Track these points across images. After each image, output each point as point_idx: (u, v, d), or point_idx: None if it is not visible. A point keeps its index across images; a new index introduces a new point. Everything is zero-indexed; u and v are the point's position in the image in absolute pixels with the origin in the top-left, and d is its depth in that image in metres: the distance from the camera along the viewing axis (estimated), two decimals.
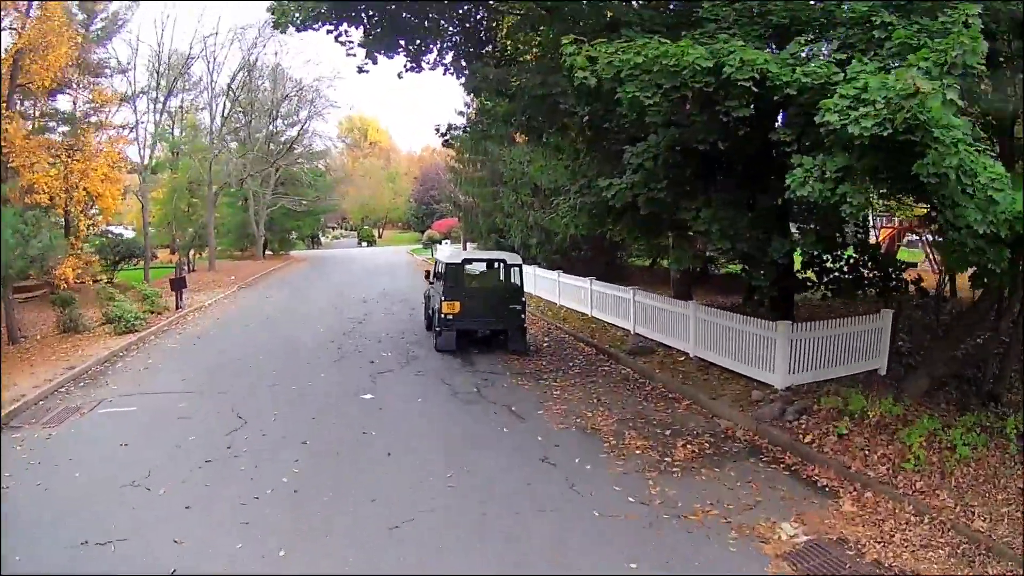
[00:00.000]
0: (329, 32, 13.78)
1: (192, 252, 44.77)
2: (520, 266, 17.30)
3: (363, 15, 13.68)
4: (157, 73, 35.60)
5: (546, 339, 18.60)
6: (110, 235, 36.54)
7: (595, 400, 12.49)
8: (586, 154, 15.05)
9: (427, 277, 19.66)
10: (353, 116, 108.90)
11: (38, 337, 18.16)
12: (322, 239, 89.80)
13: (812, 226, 11.78)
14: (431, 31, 14.70)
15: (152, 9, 54.89)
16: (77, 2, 28.41)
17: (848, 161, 7.46)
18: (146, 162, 35.47)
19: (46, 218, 18.45)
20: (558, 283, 23.37)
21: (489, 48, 15.88)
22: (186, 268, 42.66)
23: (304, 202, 57.98)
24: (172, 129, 44.04)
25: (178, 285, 24.72)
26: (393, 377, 14.23)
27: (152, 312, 21.91)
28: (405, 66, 14.99)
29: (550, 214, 19.04)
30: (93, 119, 27.28)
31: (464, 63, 15.30)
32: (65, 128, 27.33)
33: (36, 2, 19.49)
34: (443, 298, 16.09)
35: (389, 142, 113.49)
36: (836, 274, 13.58)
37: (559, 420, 11.29)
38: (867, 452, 9.08)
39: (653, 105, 8.53)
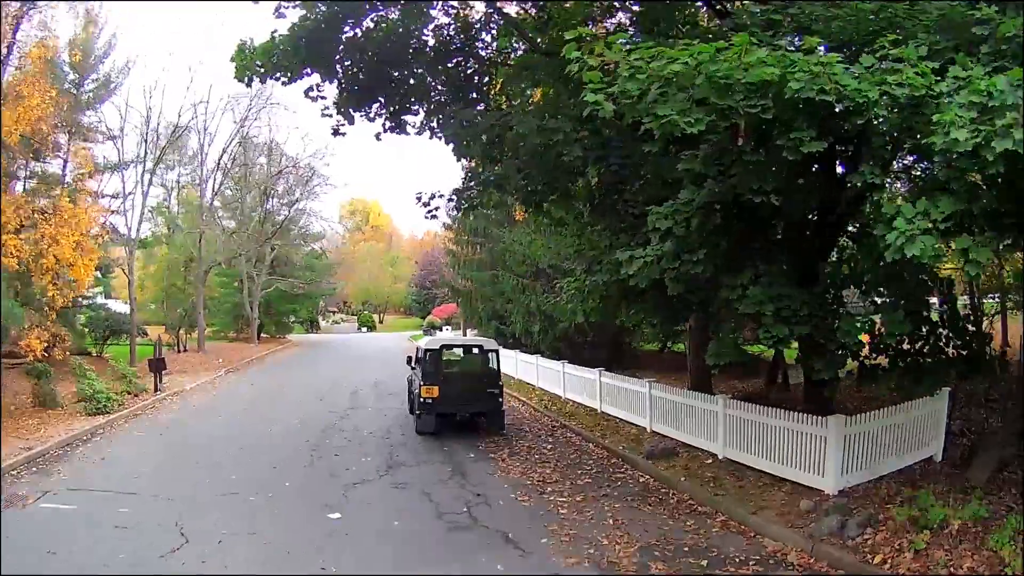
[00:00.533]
0: (298, 85, 12.01)
1: (182, 332, 42.63)
2: (497, 351, 17.43)
3: (336, 67, 11.88)
4: (145, 141, 33.88)
5: (550, 440, 16.30)
6: (105, 309, 34.76)
7: (610, 521, 10.11)
8: (596, 223, 12.95)
9: (408, 362, 19.29)
10: (355, 199, 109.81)
11: (12, 408, 17.24)
12: (322, 323, 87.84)
13: (897, 299, 9.41)
14: (415, 89, 12.87)
15: (143, 76, 53.66)
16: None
17: (960, 204, 5.37)
18: (134, 235, 33.87)
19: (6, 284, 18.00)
20: (563, 374, 21.18)
21: (481, 107, 13.98)
22: (176, 348, 41.09)
23: (300, 284, 56.10)
24: (168, 202, 42.85)
25: (157, 367, 23.21)
26: (369, 490, 11.94)
27: (128, 393, 21.01)
28: (384, 126, 13.21)
29: (553, 298, 17.19)
30: (69, 183, 25.95)
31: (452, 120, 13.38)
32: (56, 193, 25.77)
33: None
34: (422, 383, 16.26)
35: (391, 226, 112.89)
36: (913, 356, 10.68)
37: (568, 552, 8.86)
38: (952, 569, 7.26)
39: (696, 135, 6.41)
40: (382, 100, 12.77)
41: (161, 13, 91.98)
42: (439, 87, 13.51)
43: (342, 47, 11.78)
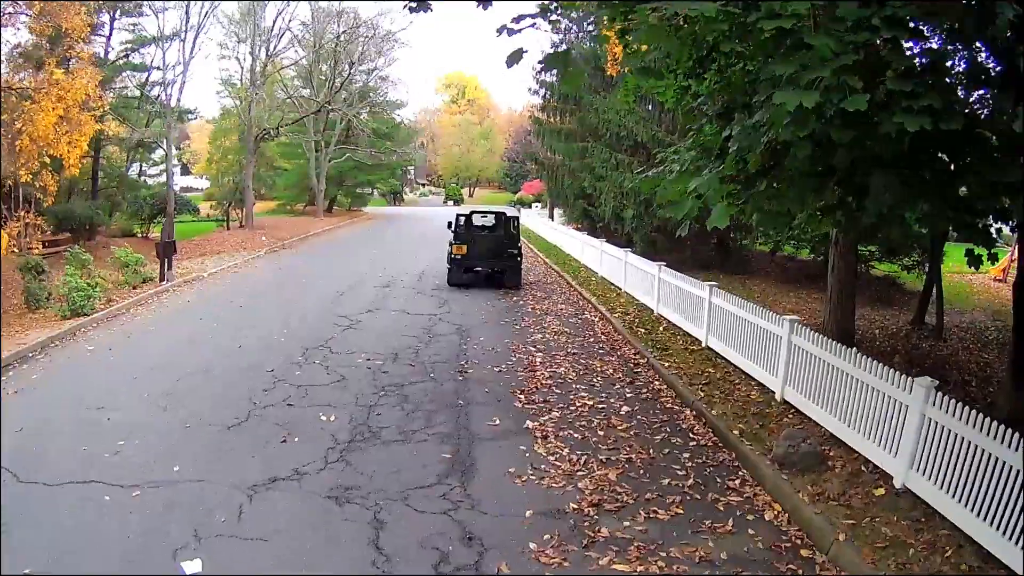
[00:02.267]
0: None
1: (232, 207, 38.56)
2: (517, 219, 20.68)
3: None
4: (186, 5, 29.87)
5: (628, 391, 10.48)
6: (147, 187, 31.11)
7: None
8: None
9: (449, 227, 20.23)
10: (451, 73, 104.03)
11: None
12: (409, 194, 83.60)
13: None
14: None
15: None
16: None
17: None
18: (172, 104, 30.69)
19: None
20: (657, 281, 15.18)
21: None
22: (225, 223, 37.34)
23: (376, 154, 51.04)
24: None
25: (165, 252, 19.63)
26: (290, 503, 6.61)
27: (128, 285, 18.39)
28: None
29: (654, 175, 11.65)
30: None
31: None
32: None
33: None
34: (453, 242, 19.47)
35: (488, 100, 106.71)
36: None
37: None
38: None
39: None
40: None
41: None
42: None
43: None
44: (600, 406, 9.54)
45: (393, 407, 9.30)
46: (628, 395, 10.11)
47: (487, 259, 19.37)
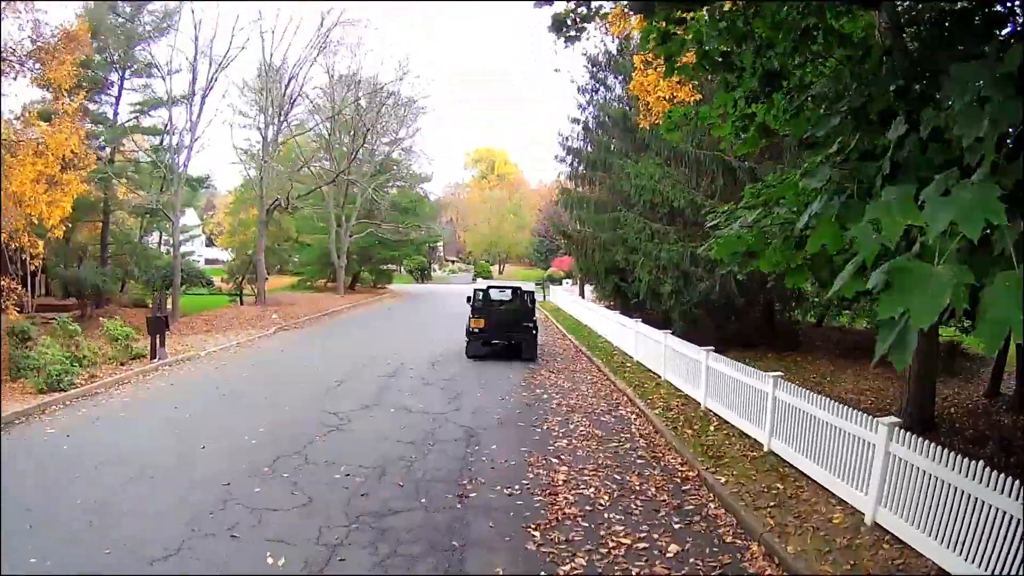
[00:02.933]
0: None
1: (246, 280, 36.95)
2: (532, 293, 21.56)
3: None
4: (193, 66, 29.02)
5: (670, 530, 7.99)
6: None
7: None
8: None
9: (468, 301, 20.75)
10: (480, 148, 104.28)
11: None
12: (436, 272, 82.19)
13: None
14: None
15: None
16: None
17: None
18: (180, 170, 29.31)
19: None
20: (705, 369, 12.65)
21: None
22: (238, 298, 35.72)
23: (400, 229, 49.52)
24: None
25: (156, 327, 17.95)
26: None
27: (115, 361, 16.95)
28: None
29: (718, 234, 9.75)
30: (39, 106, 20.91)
31: None
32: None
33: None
34: (472, 316, 20.10)
35: (518, 175, 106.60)
36: None
37: None
38: None
39: None
40: None
41: None
42: None
43: None
44: (640, 546, 7.13)
45: (364, 547, 6.97)
46: (676, 526, 7.66)
47: (504, 332, 20.05)
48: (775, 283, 18.62)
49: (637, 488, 8.82)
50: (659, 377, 15.72)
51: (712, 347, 12.66)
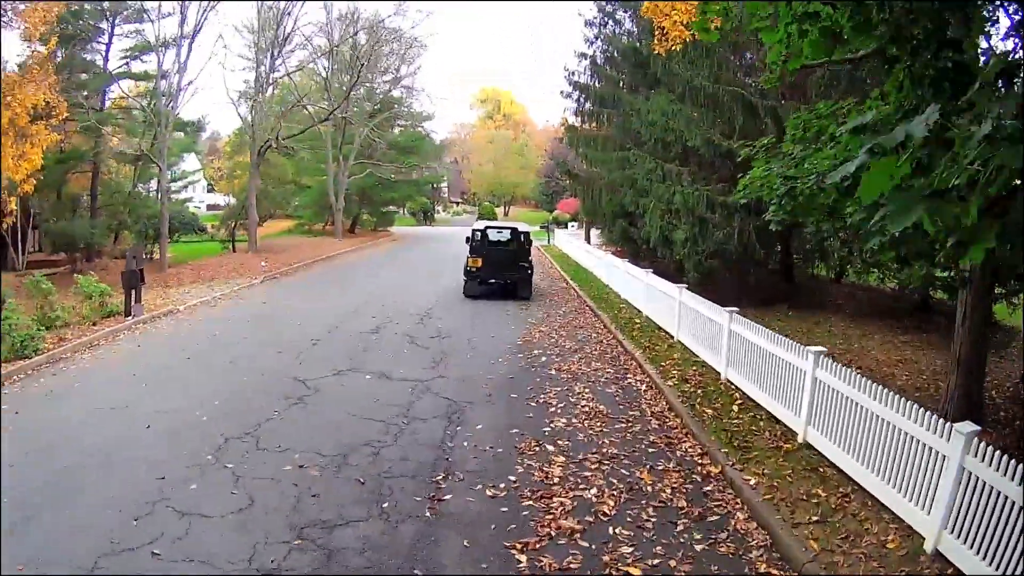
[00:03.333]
0: None
1: (235, 226, 35.35)
2: (528, 233, 21.75)
3: None
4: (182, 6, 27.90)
5: (698, 530, 6.57)
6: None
7: None
8: None
9: (467, 241, 21.14)
10: (486, 88, 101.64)
11: None
12: (440, 214, 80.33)
13: None
14: None
15: None
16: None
17: None
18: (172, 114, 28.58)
19: None
20: (726, 332, 10.94)
21: None
22: (231, 245, 34.28)
23: (400, 168, 47.59)
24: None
25: (130, 282, 16.64)
26: None
27: (88, 321, 15.66)
28: None
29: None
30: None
31: None
32: None
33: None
34: (469, 256, 20.76)
35: (524, 116, 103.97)
36: None
37: None
38: None
39: None
40: None
41: None
42: None
43: None
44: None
45: None
46: (698, 547, 6.12)
47: (501, 271, 20.61)
48: (792, 233, 17.01)
49: (649, 489, 7.27)
50: (672, 338, 14.11)
51: (735, 308, 10.94)
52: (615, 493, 7.13)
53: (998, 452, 5.23)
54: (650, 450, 8.44)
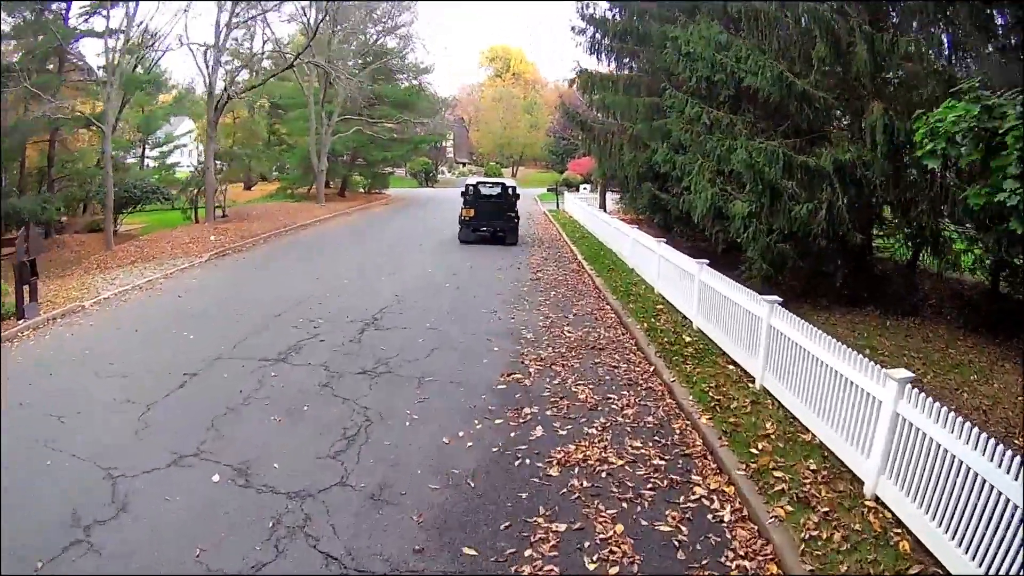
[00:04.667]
0: None
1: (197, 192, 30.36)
2: (515, 187, 24.22)
3: None
4: None
5: None
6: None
7: None
8: None
9: (462, 195, 24.16)
10: (495, 46, 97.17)
11: None
12: (444, 175, 74.87)
13: None
14: None
15: None
16: None
17: None
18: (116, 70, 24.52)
19: None
20: (892, 416, 5.84)
21: None
22: (192, 215, 29.44)
23: (393, 123, 42.35)
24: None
25: (21, 277, 12.93)
26: None
27: None
28: None
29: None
30: None
31: None
32: None
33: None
34: (463, 206, 23.34)
35: (535, 75, 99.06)
36: None
37: None
38: None
39: None
40: None
41: None
42: None
43: None
44: None
45: None
46: None
47: (491, 220, 23.02)
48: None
49: None
50: (753, 382, 8.88)
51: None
52: None
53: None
54: None
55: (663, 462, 6.88)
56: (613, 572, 5.05)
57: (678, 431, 7.70)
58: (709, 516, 5.86)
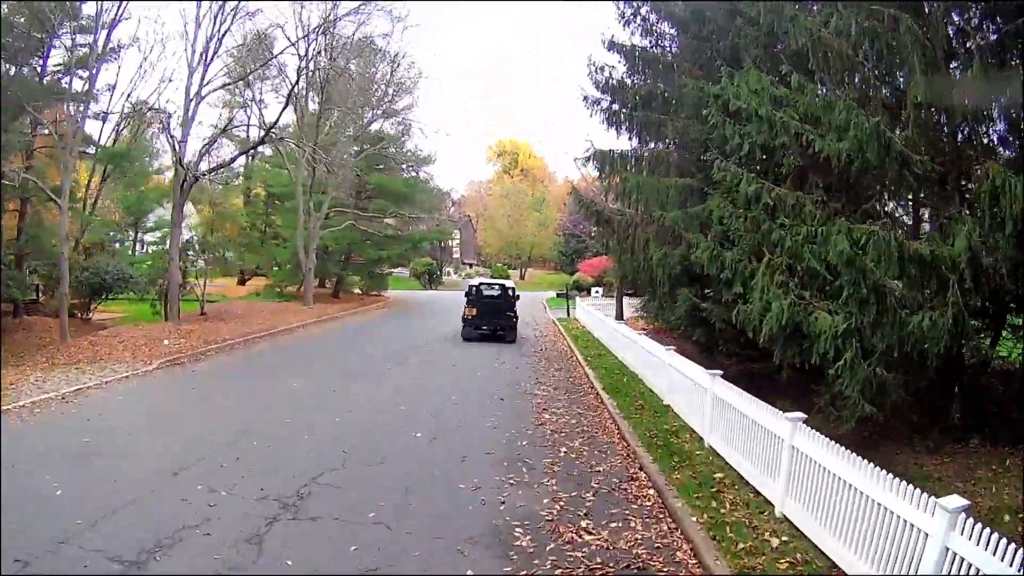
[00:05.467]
0: None
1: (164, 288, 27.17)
2: (514, 288, 25.92)
3: None
4: None
5: None
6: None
7: None
8: None
9: (465, 295, 25.68)
10: (503, 140, 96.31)
11: None
12: (450, 276, 71.63)
13: None
14: None
15: None
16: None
17: None
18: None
19: None
20: None
21: None
22: (161, 311, 26.28)
23: (390, 223, 39.27)
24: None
25: None
26: None
27: None
28: None
29: None
30: None
31: None
32: None
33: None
34: (466, 306, 24.89)
35: (544, 171, 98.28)
36: None
37: None
38: None
39: None
40: None
41: None
42: None
43: None
44: None
45: None
46: None
47: (491, 319, 24.84)
48: None
49: None
50: None
51: None
52: None
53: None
54: None
55: None
56: None
57: None
58: None
